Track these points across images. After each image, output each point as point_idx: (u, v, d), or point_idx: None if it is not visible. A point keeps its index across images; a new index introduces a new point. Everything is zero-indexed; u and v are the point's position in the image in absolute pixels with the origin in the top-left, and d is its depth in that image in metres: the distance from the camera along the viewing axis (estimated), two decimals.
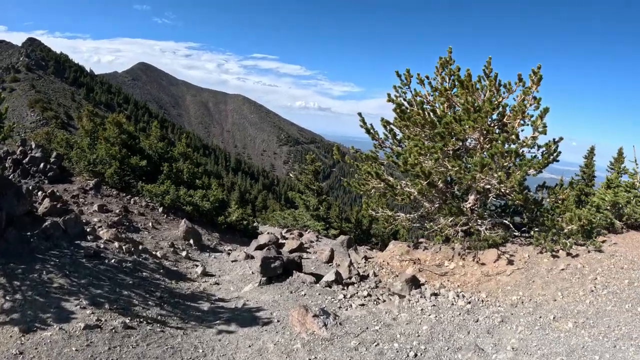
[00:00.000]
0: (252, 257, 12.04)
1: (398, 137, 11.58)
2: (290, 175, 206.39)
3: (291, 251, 13.91)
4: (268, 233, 20.51)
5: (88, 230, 10.15)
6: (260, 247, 13.26)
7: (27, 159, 16.80)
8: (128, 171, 18.15)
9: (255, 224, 26.19)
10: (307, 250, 16.18)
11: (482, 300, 8.29)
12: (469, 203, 10.83)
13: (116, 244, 9.96)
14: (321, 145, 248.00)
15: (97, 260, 8.46)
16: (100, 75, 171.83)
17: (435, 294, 8.39)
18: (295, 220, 26.58)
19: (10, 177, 16.20)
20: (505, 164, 9.25)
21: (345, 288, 8.76)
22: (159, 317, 6.57)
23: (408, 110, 10.35)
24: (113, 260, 8.67)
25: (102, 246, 9.51)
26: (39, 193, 12.51)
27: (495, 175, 9.21)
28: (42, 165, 16.66)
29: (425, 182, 9.25)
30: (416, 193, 9.83)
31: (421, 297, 8.13)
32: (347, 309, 7.49)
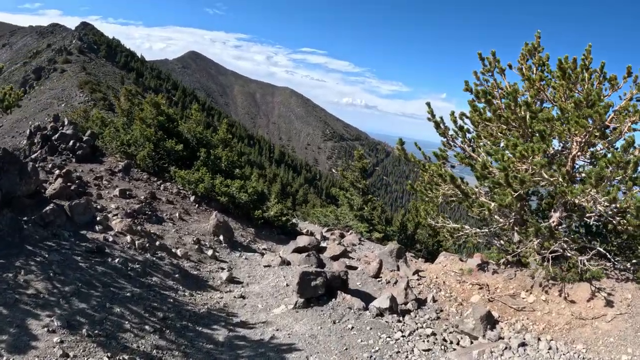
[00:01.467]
0: (289, 263, 10.31)
1: (469, 136, 9.53)
2: (334, 170, 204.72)
3: (333, 257, 12.09)
4: (307, 233, 18.81)
5: (99, 218, 8.63)
6: (298, 251, 11.51)
7: (57, 136, 15.68)
8: (163, 155, 16.78)
9: (294, 220, 24.66)
10: (350, 255, 14.37)
11: (581, 356, 6.23)
12: (553, 221, 8.69)
13: (128, 237, 8.39)
14: (366, 143, 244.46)
15: (98, 258, 6.90)
16: (151, 62, 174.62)
17: (523, 344, 6.35)
18: (337, 219, 24.75)
19: (36, 154, 15.15)
20: (619, 177, 7.09)
21: (402, 319, 6.87)
22: (155, 352, 4.87)
23: (494, 102, 8.26)
24: (117, 260, 7.10)
25: (110, 240, 7.97)
26: (56, 172, 11.14)
27: (606, 191, 7.03)
28: (71, 142, 15.48)
29: (516, 194, 7.17)
30: (494, 205, 7.73)
31: (506, 348, 6.12)
32: (407, 357, 5.58)
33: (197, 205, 14.17)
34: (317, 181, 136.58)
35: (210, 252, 10.14)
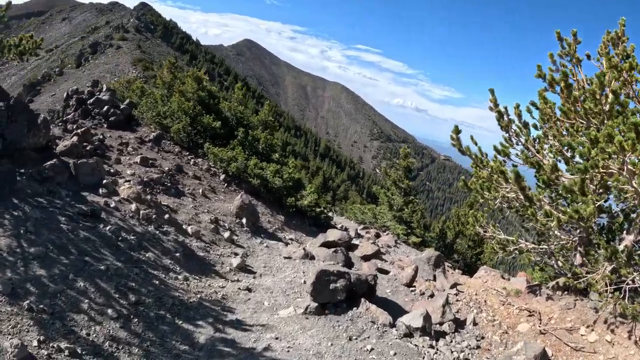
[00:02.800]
0: (313, 258, 9.19)
1: (535, 133, 8.07)
2: (378, 170, 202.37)
3: (364, 257, 10.90)
4: (342, 228, 17.66)
5: (106, 182, 7.76)
6: (327, 245, 10.38)
7: (92, 100, 15.12)
8: (199, 130, 16.02)
9: (330, 213, 23.64)
10: (383, 257, 13.14)
11: None
12: (626, 245, 7.18)
13: (133, 205, 7.47)
14: (412, 146, 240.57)
15: (89, 223, 5.99)
16: (206, 46, 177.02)
17: None
18: (375, 217, 23.48)
19: (69, 116, 14.65)
20: None
21: (435, 344, 5.59)
22: (107, 344, 3.83)
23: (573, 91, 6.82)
24: (109, 228, 6.15)
25: (112, 205, 7.07)
26: (75, 129, 10.43)
27: None
28: (105, 108, 14.90)
29: (597, 204, 5.75)
30: (565, 216, 6.29)
31: None
32: None
33: (226, 184, 13.26)
34: (359, 179, 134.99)
35: (227, 235, 9.14)
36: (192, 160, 13.99)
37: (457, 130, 7.63)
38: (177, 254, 6.76)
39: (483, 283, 10.94)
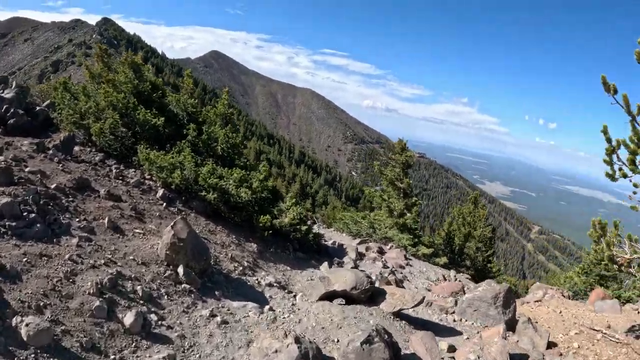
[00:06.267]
0: (298, 344, 4.72)
1: None
2: (354, 173, 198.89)
3: (398, 314, 6.52)
4: (334, 244, 13.29)
5: None
6: (329, 297, 6.02)
7: None
8: (136, 132, 11.56)
9: (317, 227, 19.34)
10: (402, 284, 8.98)
11: None
12: None
13: None
14: (386, 146, 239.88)
15: None
16: (173, 60, 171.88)
17: None
18: (373, 227, 19.13)
19: None
20: None
21: None
22: None
23: None
24: None
25: None
26: None
27: None
28: (4, 109, 10.52)
29: None
30: None
31: None
32: None
33: (164, 204, 8.76)
34: (337, 183, 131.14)
35: (130, 319, 4.63)
36: (118, 171, 9.47)
37: None
38: None
39: (558, 315, 8.68)
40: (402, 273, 12.42)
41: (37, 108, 12.42)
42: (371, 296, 6.29)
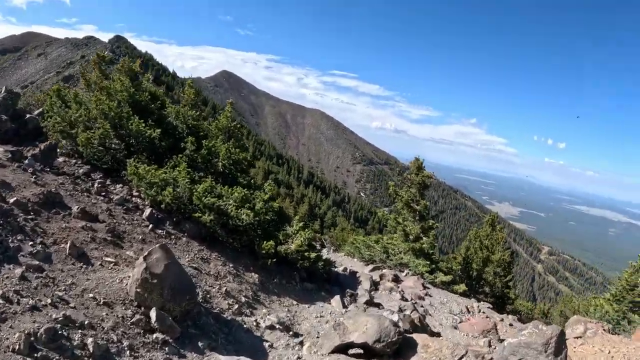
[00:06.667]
0: None
1: None
2: (362, 194, 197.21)
3: None
4: (347, 272, 11.95)
5: None
6: (343, 350, 4.71)
7: None
8: (130, 143, 10.43)
9: (325, 252, 17.93)
10: (427, 325, 7.63)
11: None
12: None
13: None
14: (395, 167, 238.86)
15: None
16: (183, 79, 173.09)
17: None
18: (386, 252, 17.75)
19: None
20: None
21: None
22: None
23: None
24: None
25: None
26: None
27: None
28: None
29: None
30: None
31: None
32: None
33: (151, 226, 7.50)
34: (345, 204, 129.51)
35: None
36: (101, 186, 8.27)
37: None
38: None
39: (609, 356, 7.69)
40: (422, 306, 11.04)
41: (28, 116, 11.49)
42: (398, 349, 4.95)
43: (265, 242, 8.65)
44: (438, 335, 7.57)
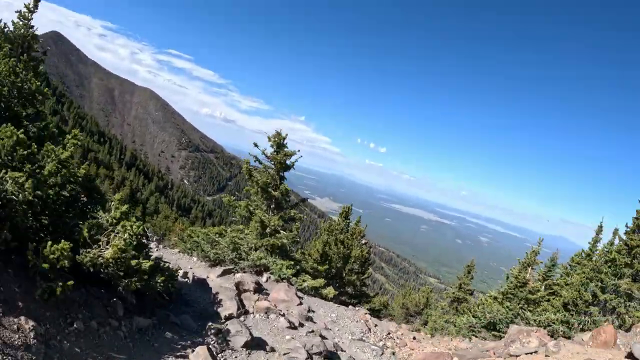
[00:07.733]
0: None
1: None
2: (186, 181, 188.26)
3: None
4: (182, 275, 7.89)
5: None
6: None
7: None
8: None
9: (154, 247, 13.53)
10: None
11: None
12: None
13: None
14: (221, 157, 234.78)
15: None
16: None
17: None
18: (237, 250, 13.82)
19: None
20: None
21: None
22: None
23: None
24: None
25: None
26: None
27: None
28: None
29: None
30: None
31: None
32: None
33: None
34: (168, 190, 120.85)
35: None
36: None
37: None
38: None
39: None
40: (323, 336, 7.62)
41: None
42: None
43: (50, 243, 4.26)
44: None
